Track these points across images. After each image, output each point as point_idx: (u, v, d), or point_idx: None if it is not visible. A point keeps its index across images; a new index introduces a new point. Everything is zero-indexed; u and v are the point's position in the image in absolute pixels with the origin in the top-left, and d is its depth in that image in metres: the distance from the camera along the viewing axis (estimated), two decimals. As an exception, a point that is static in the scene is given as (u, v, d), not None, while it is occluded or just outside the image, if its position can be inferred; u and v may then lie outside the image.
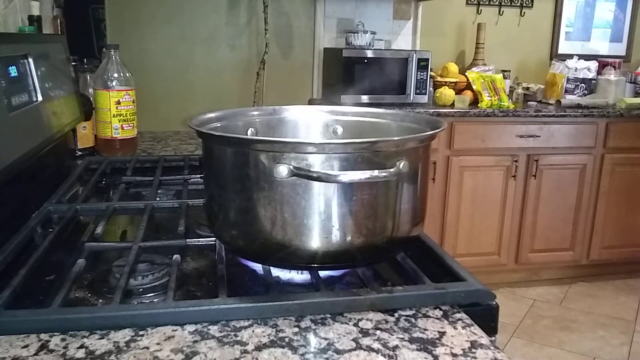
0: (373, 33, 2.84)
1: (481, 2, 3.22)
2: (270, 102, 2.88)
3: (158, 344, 0.56)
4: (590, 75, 3.08)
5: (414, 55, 2.71)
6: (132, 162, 1.29)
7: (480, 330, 0.60)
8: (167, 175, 1.17)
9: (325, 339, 0.58)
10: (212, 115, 0.82)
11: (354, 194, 0.64)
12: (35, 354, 0.54)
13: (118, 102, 1.41)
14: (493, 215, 2.84)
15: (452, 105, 2.81)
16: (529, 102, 3.01)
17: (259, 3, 2.83)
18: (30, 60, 0.99)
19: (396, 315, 0.63)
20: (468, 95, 2.84)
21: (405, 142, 0.67)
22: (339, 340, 0.57)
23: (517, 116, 2.75)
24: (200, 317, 0.60)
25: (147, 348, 0.55)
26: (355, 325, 0.60)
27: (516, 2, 3.27)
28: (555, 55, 3.35)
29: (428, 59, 2.73)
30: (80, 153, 1.44)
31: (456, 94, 2.84)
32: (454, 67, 3.00)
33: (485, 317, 0.65)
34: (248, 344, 0.56)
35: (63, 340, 0.56)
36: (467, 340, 0.58)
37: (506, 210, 2.84)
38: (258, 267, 0.73)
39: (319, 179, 0.60)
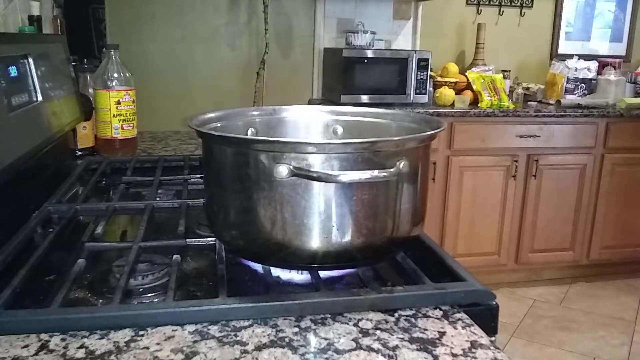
0: (373, 33, 2.84)
1: (481, 2, 3.22)
2: (270, 102, 2.88)
3: (158, 344, 0.56)
4: (590, 75, 3.08)
5: (414, 55, 2.71)
6: (132, 162, 1.29)
7: (480, 330, 0.60)
8: (167, 175, 1.17)
9: (325, 339, 0.58)
10: (212, 115, 0.82)
11: (354, 194, 0.64)
12: (35, 354, 0.54)
13: (118, 102, 1.41)
14: (493, 215, 2.84)
15: (452, 105, 2.81)
16: (529, 102, 3.01)
17: (259, 3, 2.83)
18: (30, 60, 0.99)
19: (396, 315, 0.63)
20: (468, 95, 2.84)
21: (405, 142, 0.67)
22: (339, 340, 0.57)
23: (517, 116, 2.75)
24: (200, 317, 0.60)
25: (147, 348, 0.55)
26: (355, 325, 0.60)
27: (516, 2, 3.27)
28: (555, 55, 3.35)
29: (428, 59, 2.73)
30: (80, 153, 1.44)
31: (456, 94, 2.84)
32: (454, 67, 3.00)
33: (485, 317, 0.65)
34: (248, 344, 0.56)
35: (63, 340, 0.56)
36: (467, 340, 0.58)
37: (506, 210, 2.84)
38: (258, 267, 0.73)
39: (319, 179, 0.60)
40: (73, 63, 1.35)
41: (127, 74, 1.42)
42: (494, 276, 2.89)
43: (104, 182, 1.22)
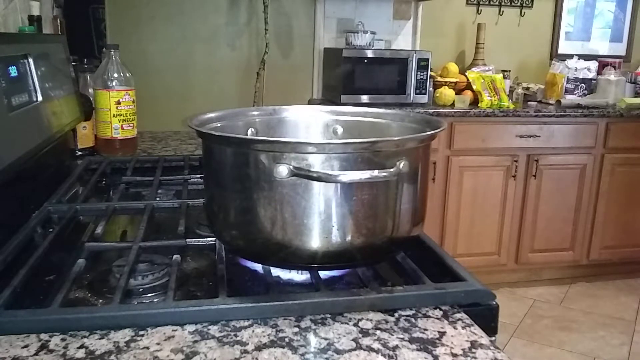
0: (373, 33, 2.84)
1: (481, 2, 3.22)
2: (270, 102, 2.88)
3: (158, 344, 0.56)
4: (590, 75, 3.08)
5: (414, 55, 2.71)
6: (132, 162, 1.29)
7: (480, 330, 0.60)
8: (167, 175, 1.17)
9: (325, 339, 0.58)
10: (212, 115, 0.82)
11: (354, 194, 0.64)
12: (35, 354, 0.54)
13: (118, 102, 1.41)
14: (493, 215, 2.84)
15: (452, 105, 2.81)
16: (529, 102, 3.01)
17: (259, 3, 2.83)
18: (30, 60, 0.99)
19: (396, 315, 0.63)
20: (468, 95, 2.84)
21: (405, 142, 0.67)
22: (339, 340, 0.57)
23: (517, 116, 2.75)
24: (200, 317, 0.60)
25: (147, 348, 0.55)
26: (355, 325, 0.60)
27: (516, 2, 3.27)
28: (555, 55, 3.35)
29: (428, 59, 2.73)
30: (80, 153, 1.44)
31: (456, 94, 2.84)
32: (454, 67, 3.00)
33: (485, 317, 0.65)
34: (248, 344, 0.56)
35: (63, 340, 0.56)
36: (467, 340, 0.58)
37: (506, 210, 2.84)
38: (258, 267, 0.73)
39: (319, 179, 0.60)
40: (73, 63, 1.35)
41: (127, 74, 1.42)
42: (494, 276, 2.89)
43: (104, 182, 1.22)
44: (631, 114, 2.84)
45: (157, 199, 1.07)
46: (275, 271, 0.72)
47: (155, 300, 0.67)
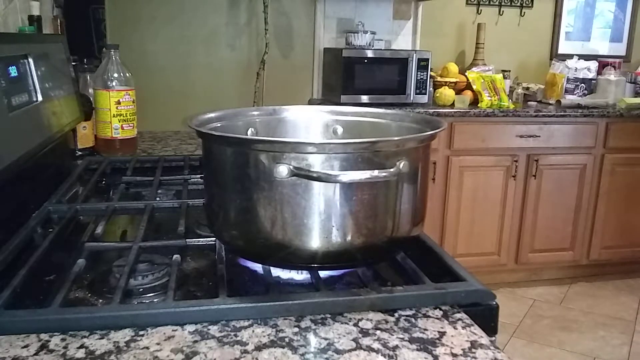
0: (373, 33, 2.84)
1: (481, 2, 3.22)
2: (270, 102, 2.88)
3: (158, 344, 0.56)
4: (590, 75, 3.08)
5: (414, 55, 2.71)
6: (132, 162, 1.29)
7: (480, 330, 0.60)
8: (167, 175, 1.17)
9: (325, 339, 0.58)
10: (212, 115, 0.82)
11: (354, 194, 0.64)
12: (35, 354, 0.54)
13: (118, 102, 1.41)
14: (493, 215, 2.84)
15: (452, 105, 2.81)
16: (529, 102, 3.01)
17: (259, 3, 2.83)
18: (30, 60, 0.99)
19: (396, 315, 0.63)
20: (468, 95, 2.84)
21: (405, 142, 0.67)
22: (339, 340, 0.57)
23: (517, 116, 2.75)
24: (200, 317, 0.60)
25: (147, 348, 0.55)
26: (355, 325, 0.60)
27: (516, 2, 3.27)
28: (555, 55, 3.35)
29: (428, 59, 2.73)
30: (80, 153, 1.44)
31: (456, 94, 2.84)
32: (454, 67, 3.00)
33: (485, 317, 0.65)
34: (248, 344, 0.56)
35: (63, 340, 0.56)
36: (467, 340, 0.58)
37: (506, 210, 2.84)
38: (258, 267, 0.73)
39: (319, 179, 0.60)
40: (73, 63, 1.35)
41: (127, 74, 1.42)
42: (494, 276, 2.89)
43: (104, 182, 1.22)
44: (631, 114, 2.84)
45: (157, 199, 1.07)
46: (275, 271, 0.72)
47: (155, 300, 0.67)
